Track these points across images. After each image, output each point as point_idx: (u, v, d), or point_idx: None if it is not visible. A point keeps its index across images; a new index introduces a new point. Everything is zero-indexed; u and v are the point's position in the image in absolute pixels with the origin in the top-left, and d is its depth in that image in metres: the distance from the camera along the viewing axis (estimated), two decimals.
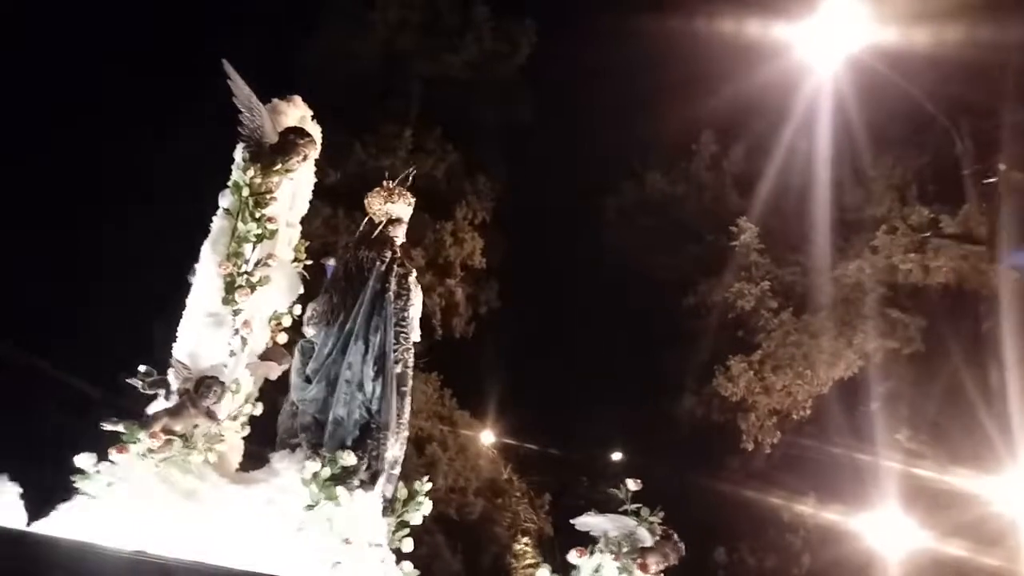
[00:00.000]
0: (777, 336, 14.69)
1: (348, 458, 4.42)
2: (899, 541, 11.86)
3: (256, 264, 4.69)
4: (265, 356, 4.95)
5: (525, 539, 16.52)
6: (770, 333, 14.78)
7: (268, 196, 4.75)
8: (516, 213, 17.54)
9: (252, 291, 4.65)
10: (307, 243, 5.30)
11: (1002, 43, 12.24)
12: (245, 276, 4.63)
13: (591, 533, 5.02)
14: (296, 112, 5.25)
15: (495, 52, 16.83)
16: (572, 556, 4.86)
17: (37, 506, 4.09)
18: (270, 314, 4.98)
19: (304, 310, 5.09)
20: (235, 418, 4.62)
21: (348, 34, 16.94)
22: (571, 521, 5.28)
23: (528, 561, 15.67)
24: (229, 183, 4.81)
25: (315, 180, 5.46)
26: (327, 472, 4.34)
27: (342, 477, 4.38)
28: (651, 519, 4.92)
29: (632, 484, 4.94)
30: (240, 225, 4.63)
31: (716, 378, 15.02)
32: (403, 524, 4.85)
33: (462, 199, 16.49)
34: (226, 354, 4.55)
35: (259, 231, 4.66)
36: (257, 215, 4.66)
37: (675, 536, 4.98)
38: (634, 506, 4.93)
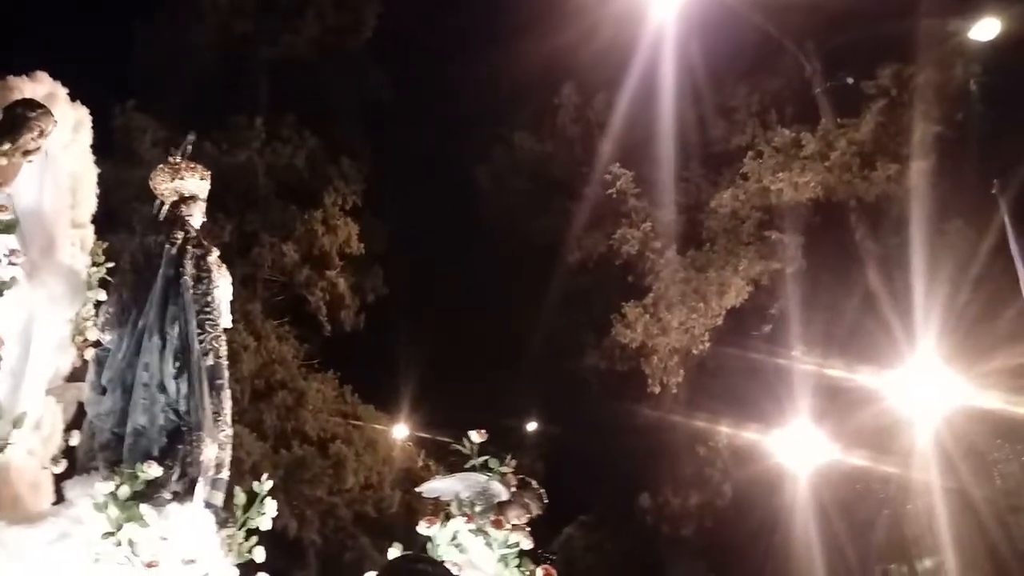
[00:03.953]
0: (666, 275, 14.69)
1: (151, 470, 3.83)
2: (807, 454, 12.10)
3: None
4: (74, 377, 4.32)
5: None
6: (659, 274, 14.77)
7: None
8: (389, 193, 16.89)
9: None
10: (104, 244, 4.60)
11: None
12: None
13: (442, 499, 4.51)
14: (40, 89, 4.48)
15: (339, 27, 16.01)
16: (421, 527, 4.36)
17: None
18: (56, 327, 4.29)
19: None
20: (1, 449, 3.92)
21: (182, 26, 15.82)
22: (416, 489, 4.80)
23: None
24: None
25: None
26: (126, 490, 3.75)
27: (147, 493, 3.80)
28: (502, 469, 4.44)
29: (476, 435, 4.47)
30: None
31: (614, 327, 14.92)
32: (251, 532, 4.27)
33: (328, 185, 15.68)
34: None
35: None
36: None
37: (534, 483, 4.50)
38: (481, 459, 4.45)
